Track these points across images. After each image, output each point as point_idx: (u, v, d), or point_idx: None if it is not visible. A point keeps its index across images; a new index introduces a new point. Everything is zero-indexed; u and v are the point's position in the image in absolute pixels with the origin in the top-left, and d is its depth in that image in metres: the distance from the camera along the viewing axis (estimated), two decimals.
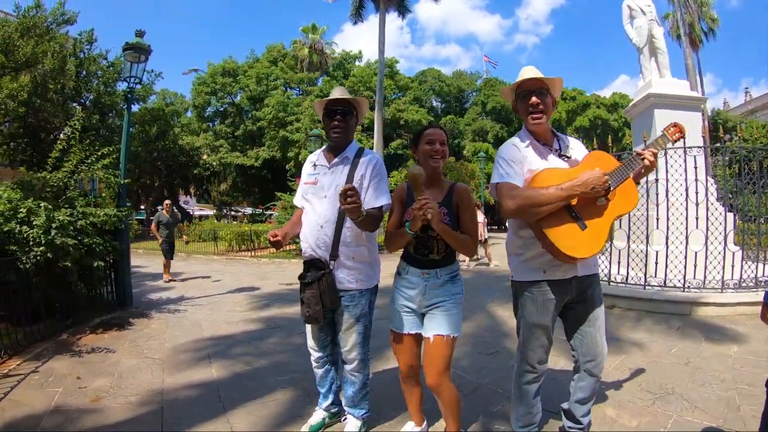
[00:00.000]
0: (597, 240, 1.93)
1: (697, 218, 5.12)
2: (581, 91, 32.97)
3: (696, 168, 5.14)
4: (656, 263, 5.37)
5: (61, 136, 5.34)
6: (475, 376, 3.37)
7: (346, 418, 2.55)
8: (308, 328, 2.51)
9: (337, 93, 2.41)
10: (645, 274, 5.47)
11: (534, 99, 2.04)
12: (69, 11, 10.89)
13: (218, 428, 2.66)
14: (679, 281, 5.18)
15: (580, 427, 2.31)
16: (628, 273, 5.65)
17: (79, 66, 12.01)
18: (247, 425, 2.69)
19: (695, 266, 5.09)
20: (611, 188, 1.92)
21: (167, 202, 9.74)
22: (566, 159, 2.09)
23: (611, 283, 5.74)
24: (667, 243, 5.26)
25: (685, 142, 5.10)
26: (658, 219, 5.38)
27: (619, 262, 5.84)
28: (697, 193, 5.10)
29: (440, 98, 38.51)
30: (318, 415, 2.60)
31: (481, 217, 10.16)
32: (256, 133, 30.96)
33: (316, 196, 2.41)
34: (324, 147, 2.54)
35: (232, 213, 37.39)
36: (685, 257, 5.16)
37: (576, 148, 2.19)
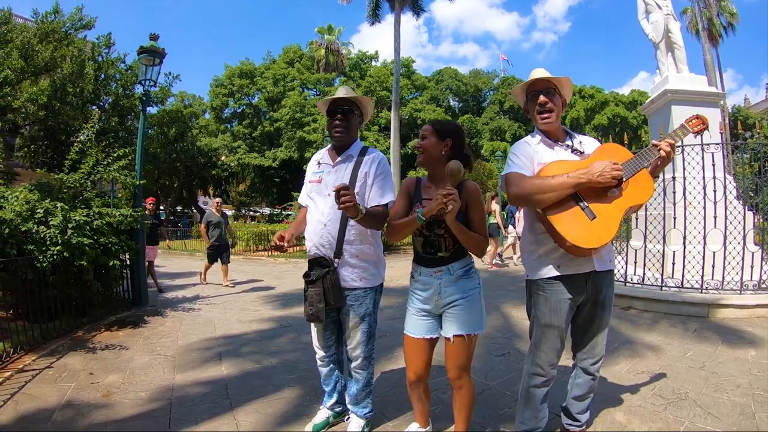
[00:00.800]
0: (606, 230, 1.89)
1: (715, 217, 4.96)
2: (599, 89, 32.55)
3: (714, 165, 4.99)
4: (673, 263, 5.22)
5: (79, 138, 5.47)
6: (483, 377, 3.34)
7: (349, 417, 2.55)
8: (313, 326, 2.52)
9: (342, 92, 2.42)
10: (662, 275, 5.33)
11: (542, 98, 2.05)
12: (87, 16, 11.18)
13: (224, 425, 2.68)
14: (697, 282, 5.03)
15: (578, 424, 2.29)
16: (644, 273, 5.52)
17: (97, 70, 12.30)
18: (252, 423, 2.71)
19: (713, 267, 4.93)
20: (623, 179, 1.89)
21: (217, 200, 8.90)
22: (578, 154, 2.07)
23: (627, 284, 5.61)
24: (684, 243, 5.11)
25: (702, 139, 4.96)
26: (675, 218, 5.24)
27: (635, 262, 5.71)
28: (715, 191, 4.95)
29: (457, 97, 38.37)
30: (322, 414, 2.61)
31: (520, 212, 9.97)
32: (274, 133, 31.23)
33: (319, 194, 2.42)
34: (329, 146, 2.55)
35: (251, 213, 37.80)
36: (703, 257, 5.02)
37: (589, 144, 2.16)
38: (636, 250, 5.71)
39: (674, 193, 5.24)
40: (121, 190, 6.40)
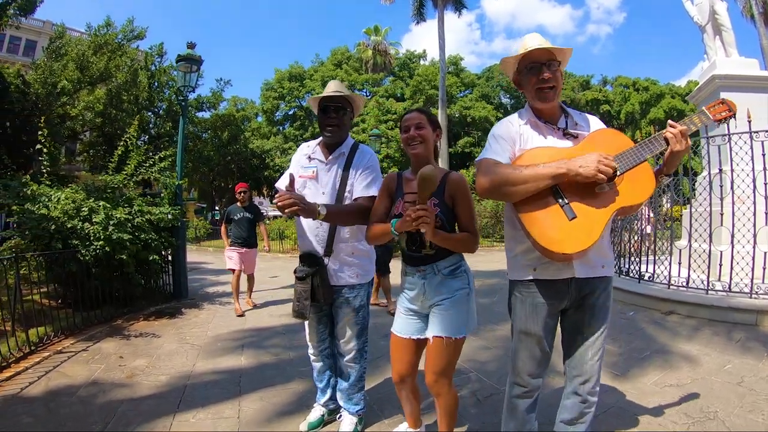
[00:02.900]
0: (587, 234, 1.60)
1: (766, 213, 4.49)
2: (654, 80, 30.73)
3: (764, 155, 4.50)
4: (720, 265, 4.78)
5: (121, 142, 5.91)
6: (496, 381, 3.22)
7: (341, 415, 2.54)
8: (308, 321, 2.52)
9: (333, 87, 2.39)
10: (707, 277, 4.90)
11: (547, 74, 1.76)
12: (138, 27, 12.05)
13: (227, 409, 2.82)
14: (746, 286, 4.57)
15: None
16: (689, 275, 5.10)
17: (150, 78, 13.21)
18: (255, 409, 2.83)
19: (764, 269, 4.46)
20: (617, 172, 1.61)
21: None
22: (571, 138, 1.81)
23: (671, 287, 5.22)
24: (732, 242, 4.67)
25: (750, 126, 4.51)
26: (722, 215, 4.80)
27: (679, 263, 5.30)
28: (766, 184, 4.47)
29: (509, 94, 37.32)
30: (316, 411, 2.62)
31: None
32: None
33: (313, 192, 2.40)
34: (319, 140, 2.52)
35: None
36: (753, 258, 4.55)
37: (589, 125, 1.88)
38: (680, 250, 5.30)
39: (721, 187, 4.80)
40: (163, 190, 6.76)
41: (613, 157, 1.62)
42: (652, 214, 8.55)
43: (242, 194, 6.09)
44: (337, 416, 2.59)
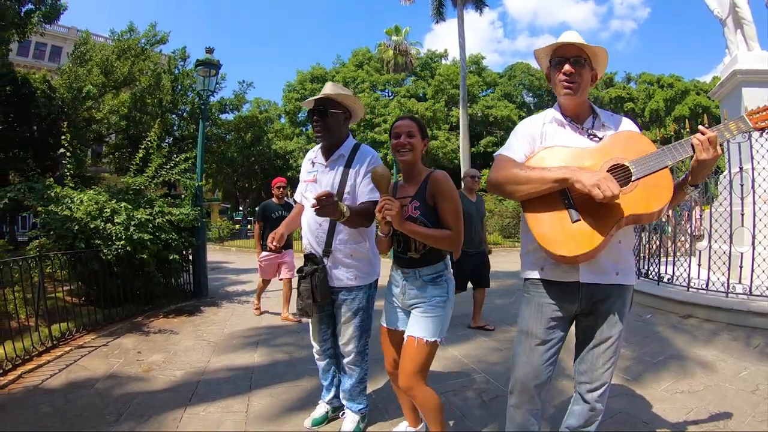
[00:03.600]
0: (588, 238, 1.55)
1: None
2: (679, 77, 29.75)
3: None
4: (741, 267, 4.64)
5: (143, 145, 6.10)
6: (503, 383, 3.18)
7: (344, 413, 2.59)
8: (310, 320, 2.59)
9: (327, 89, 2.39)
10: (728, 279, 4.76)
11: (568, 67, 1.72)
12: (160, 32, 12.44)
13: (236, 404, 2.92)
14: None
15: None
16: (708, 277, 4.96)
17: (174, 81, 13.56)
18: (263, 405, 2.91)
19: None
20: (633, 178, 1.57)
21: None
22: (596, 139, 1.75)
23: (690, 289, 5.09)
24: (753, 243, 4.52)
25: None
26: (743, 215, 4.65)
27: (699, 265, 5.15)
28: None
29: (531, 92, 36.78)
30: (321, 408, 2.68)
31: None
32: None
33: (314, 193, 2.39)
34: (321, 144, 2.55)
35: None
36: None
37: (617, 127, 1.80)
38: (701, 252, 5.15)
39: (742, 186, 4.64)
40: (183, 192, 6.92)
41: (631, 162, 1.59)
42: (698, 216, 8.20)
43: (281, 189, 5.48)
44: (341, 414, 2.64)
